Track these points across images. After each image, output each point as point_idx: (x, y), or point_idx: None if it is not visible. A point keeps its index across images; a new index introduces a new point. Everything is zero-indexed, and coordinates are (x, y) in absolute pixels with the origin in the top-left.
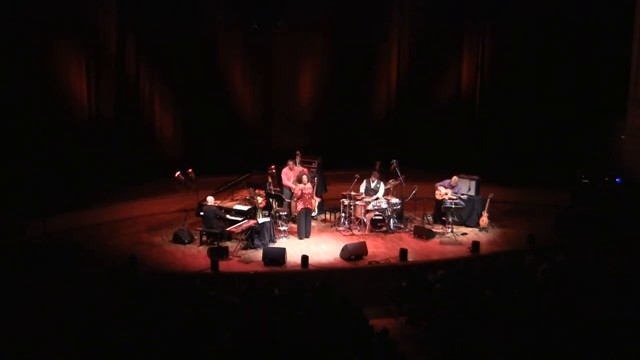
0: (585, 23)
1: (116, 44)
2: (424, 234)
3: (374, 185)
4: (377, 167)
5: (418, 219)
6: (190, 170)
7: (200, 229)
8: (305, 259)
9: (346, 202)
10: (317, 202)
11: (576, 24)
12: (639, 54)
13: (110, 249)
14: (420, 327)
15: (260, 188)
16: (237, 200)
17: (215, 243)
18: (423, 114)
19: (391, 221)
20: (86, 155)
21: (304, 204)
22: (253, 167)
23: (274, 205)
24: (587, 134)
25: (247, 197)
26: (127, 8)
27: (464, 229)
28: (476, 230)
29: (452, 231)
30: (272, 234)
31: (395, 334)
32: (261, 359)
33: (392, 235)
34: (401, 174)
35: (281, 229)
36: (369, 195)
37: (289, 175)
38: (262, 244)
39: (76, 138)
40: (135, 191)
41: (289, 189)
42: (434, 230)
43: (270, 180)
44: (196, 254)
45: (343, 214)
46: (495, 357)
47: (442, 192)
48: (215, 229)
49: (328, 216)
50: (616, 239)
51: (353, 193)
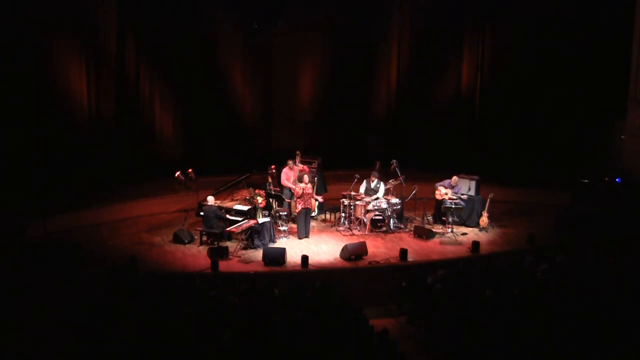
0: (585, 23)
1: (116, 44)
2: (424, 234)
3: (374, 185)
4: (377, 167)
5: (418, 219)
6: (190, 170)
7: (200, 229)
8: (305, 259)
9: (346, 202)
10: (317, 203)
11: (576, 24)
12: (639, 54)
13: (110, 249)
14: (420, 327)
15: (260, 188)
16: (237, 200)
17: (215, 243)
18: (423, 114)
19: (391, 221)
20: (86, 155)
21: (304, 203)
22: (253, 167)
23: (274, 205)
24: (587, 134)
25: (247, 197)
26: (127, 8)
27: (464, 229)
28: (476, 230)
29: (452, 231)
30: (272, 234)
31: (395, 334)
32: (261, 359)
33: (392, 235)
34: (401, 174)
35: (281, 229)
36: (369, 195)
37: (288, 175)
38: (262, 244)
39: (76, 138)
40: (135, 191)
41: (289, 189)
42: (434, 230)
43: (270, 180)
44: (196, 254)
45: (343, 214)
46: (495, 357)
47: (442, 192)
48: (215, 229)
49: (328, 216)
50: (616, 239)
51: (353, 193)
